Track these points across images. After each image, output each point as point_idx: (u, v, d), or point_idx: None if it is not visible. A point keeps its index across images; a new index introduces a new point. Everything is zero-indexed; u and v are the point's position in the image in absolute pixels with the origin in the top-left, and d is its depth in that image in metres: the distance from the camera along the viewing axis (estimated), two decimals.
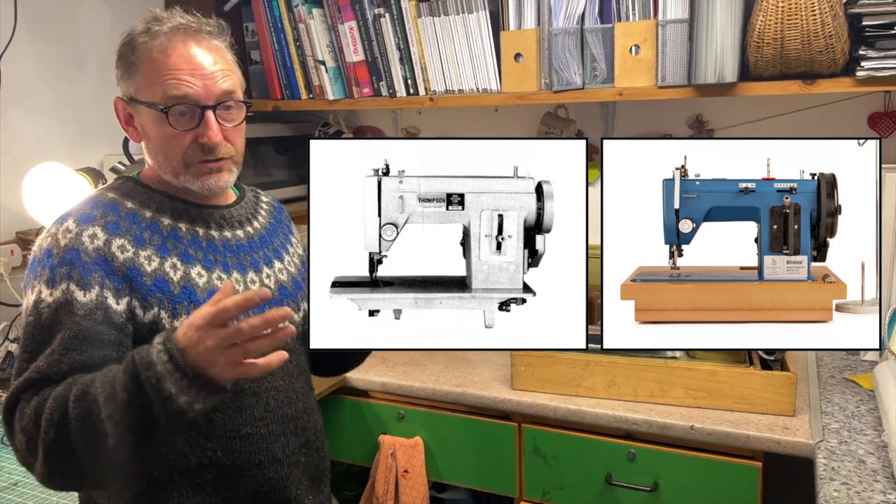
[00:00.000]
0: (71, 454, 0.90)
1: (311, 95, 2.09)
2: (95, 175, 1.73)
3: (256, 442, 1.09)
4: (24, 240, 1.83)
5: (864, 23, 1.45)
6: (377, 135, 2.31)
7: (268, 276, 1.18)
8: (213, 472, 1.06)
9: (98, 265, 1.00)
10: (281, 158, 2.20)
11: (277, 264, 1.22)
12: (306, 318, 1.23)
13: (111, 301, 1.00)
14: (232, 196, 1.23)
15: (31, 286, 1.00)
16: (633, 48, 1.67)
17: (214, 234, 1.14)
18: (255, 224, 1.23)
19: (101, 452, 0.90)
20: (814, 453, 1.32)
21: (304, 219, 2.60)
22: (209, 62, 1.06)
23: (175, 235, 1.09)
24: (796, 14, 1.43)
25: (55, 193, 1.64)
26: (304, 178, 2.27)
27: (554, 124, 1.99)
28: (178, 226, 1.10)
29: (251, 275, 1.16)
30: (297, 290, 1.23)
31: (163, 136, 1.06)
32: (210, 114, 1.06)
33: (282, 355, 0.89)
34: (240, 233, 1.18)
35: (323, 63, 2.03)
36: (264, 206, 1.30)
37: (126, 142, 1.81)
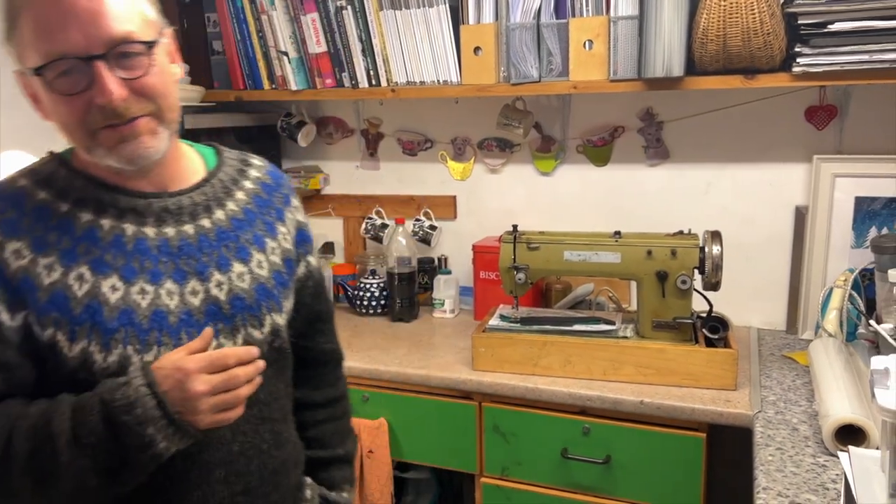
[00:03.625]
0: (14, 493, 0.83)
1: (273, 86, 2.12)
2: None
3: (167, 491, 0.90)
4: None
5: (799, 21, 1.54)
6: (339, 125, 2.35)
7: (218, 285, 0.94)
8: None
9: None
10: (243, 148, 2.21)
11: (238, 268, 0.97)
12: (276, 333, 1.01)
13: (4, 316, 0.85)
14: (195, 175, 1.00)
15: None
16: (587, 43, 1.75)
17: (149, 231, 0.92)
18: (219, 213, 0.98)
19: (53, 494, 0.82)
20: (752, 423, 1.42)
21: None
22: (89, 1, 0.82)
23: (91, 236, 0.89)
24: (737, 13, 1.52)
25: None
26: None
27: (512, 116, 2.05)
28: (100, 223, 0.90)
29: (193, 284, 0.93)
30: (261, 301, 0.98)
31: (54, 106, 0.86)
32: (100, 66, 0.83)
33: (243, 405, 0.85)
34: (188, 228, 0.95)
35: (285, 54, 2.06)
36: (248, 183, 1.05)
37: None
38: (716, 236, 1.57)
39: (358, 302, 2.18)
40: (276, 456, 1.00)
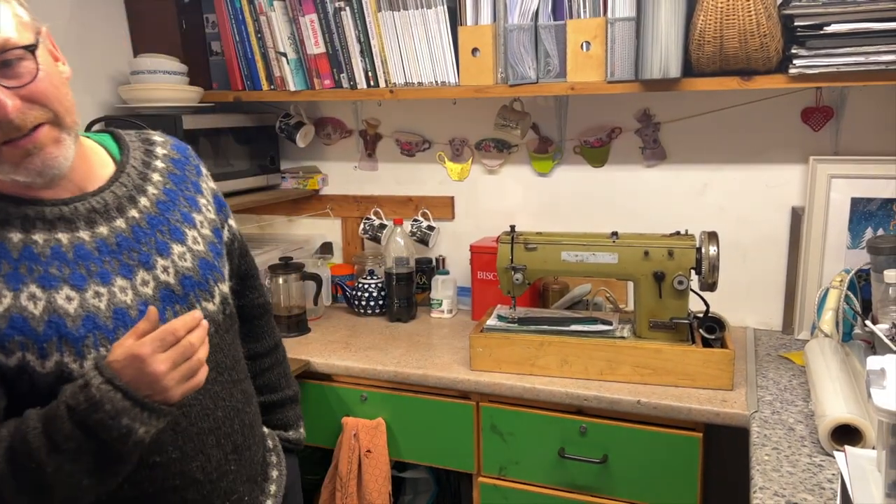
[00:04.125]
0: None
1: (272, 86, 2.12)
2: None
3: (168, 467, 0.95)
4: None
5: (795, 23, 1.55)
6: (338, 126, 2.35)
7: (164, 270, 0.97)
8: None
9: None
10: (242, 149, 2.23)
11: (177, 248, 0.99)
12: (225, 301, 1.06)
13: None
14: (106, 167, 0.99)
15: None
16: (584, 44, 1.75)
17: (84, 235, 0.92)
18: (143, 201, 0.99)
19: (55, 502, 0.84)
20: (749, 423, 1.42)
21: (265, 209, 2.62)
22: None
23: (30, 255, 0.87)
24: (733, 14, 1.53)
25: None
26: (264, 169, 2.31)
27: (510, 117, 2.06)
28: (33, 239, 0.88)
29: (142, 275, 0.95)
30: (207, 274, 1.02)
31: None
32: None
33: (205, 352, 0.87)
34: (120, 222, 0.95)
35: (284, 55, 2.06)
36: (159, 162, 1.05)
37: None
38: (712, 237, 1.58)
39: (356, 302, 2.19)
40: (248, 411, 1.08)
